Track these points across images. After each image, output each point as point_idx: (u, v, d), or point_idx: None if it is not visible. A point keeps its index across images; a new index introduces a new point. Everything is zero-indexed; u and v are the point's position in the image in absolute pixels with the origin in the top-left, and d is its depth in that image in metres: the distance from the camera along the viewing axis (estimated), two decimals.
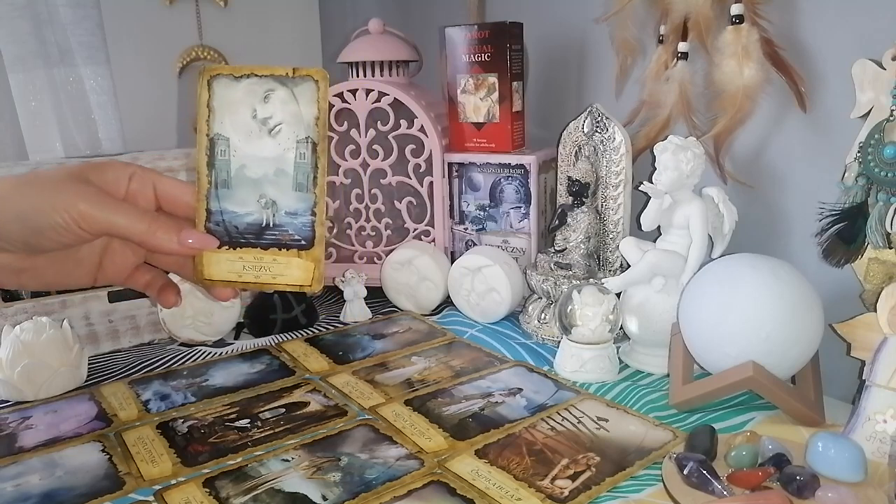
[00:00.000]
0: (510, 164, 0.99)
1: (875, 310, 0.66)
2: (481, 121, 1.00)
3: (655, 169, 0.77)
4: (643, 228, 0.82)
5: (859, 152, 0.69)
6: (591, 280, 0.85)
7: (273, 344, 0.90)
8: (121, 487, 0.59)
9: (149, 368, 0.83)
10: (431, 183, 1.02)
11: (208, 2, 1.43)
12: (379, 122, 1.02)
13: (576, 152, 0.90)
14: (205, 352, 0.88)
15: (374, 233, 1.08)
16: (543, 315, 0.89)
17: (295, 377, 0.80)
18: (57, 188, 0.41)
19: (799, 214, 0.79)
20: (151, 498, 0.58)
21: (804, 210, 0.78)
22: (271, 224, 0.44)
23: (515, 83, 0.98)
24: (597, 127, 0.88)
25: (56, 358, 0.76)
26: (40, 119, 1.15)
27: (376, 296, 1.03)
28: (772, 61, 0.77)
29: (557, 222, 0.90)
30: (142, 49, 1.36)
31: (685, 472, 0.55)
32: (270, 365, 0.83)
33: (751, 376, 0.64)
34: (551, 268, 0.89)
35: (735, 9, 0.76)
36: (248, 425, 0.69)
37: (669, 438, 0.64)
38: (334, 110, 1.03)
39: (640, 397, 0.73)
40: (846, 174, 0.71)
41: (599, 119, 0.87)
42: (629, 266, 0.81)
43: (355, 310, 0.99)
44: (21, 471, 0.62)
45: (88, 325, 0.87)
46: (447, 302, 1.01)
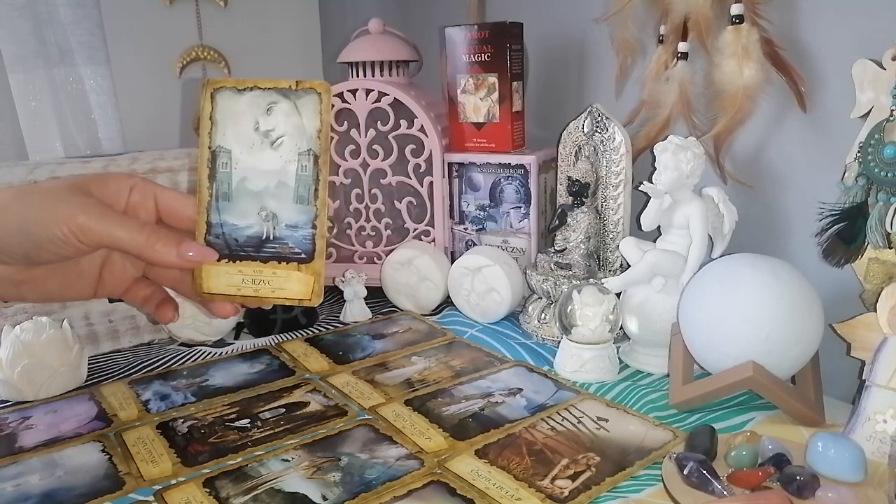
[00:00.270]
0: (510, 164, 0.99)
1: (875, 310, 0.66)
2: (481, 121, 1.00)
3: (655, 169, 0.77)
4: (643, 228, 0.82)
5: (859, 152, 0.69)
6: (591, 280, 0.85)
7: (273, 344, 0.90)
8: (121, 487, 0.59)
9: (149, 368, 0.83)
10: (431, 183, 1.02)
11: (208, 2, 1.43)
12: (379, 122, 1.02)
13: (576, 152, 0.90)
14: (205, 352, 0.88)
15: (374, 233, 1.08)
16: (543, 315, 0.89)
17: (295, 377, 0.80)
18: (57, 200, 0.41)
19: (799, 214, 0.79)
20: (151, 498, 0.58)
21: (804, 210, 0.78)
22: (271, 237, 0.44)
23: (515, 83, 0.98)
24: (597, 127, 0.88)
25: (56, 358, 0.76)
26: (40, 119, 1.15)
27: (376, 296, 1.03)
28: (772, 61, 0.77)
29: (557, 222, 0.90)
30: (142, 49, 1.36)
31: (685, 472, 0.55)
32: (270, 365, 0.83)
33: (751, 376, 0.64)
34: (551, 268, 0.89)
35: (735, 9, 0.76)
36: (248, 425, 0.69)
37: (669, 438, 0.64)
38: (334, 110, 1.03)
39: (640, 397, 0.73)
40: (846, 174, 0.71)
41: (599, 119, 0.87)
42: (629, 266, 0.81)
43: (355, 310, 0.99)
44: (21, 471, 0.62)
45: (88, 325, 0.87)
46: (447, 302, 1.01)
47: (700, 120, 0.85)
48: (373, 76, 1.04)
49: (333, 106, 1.02)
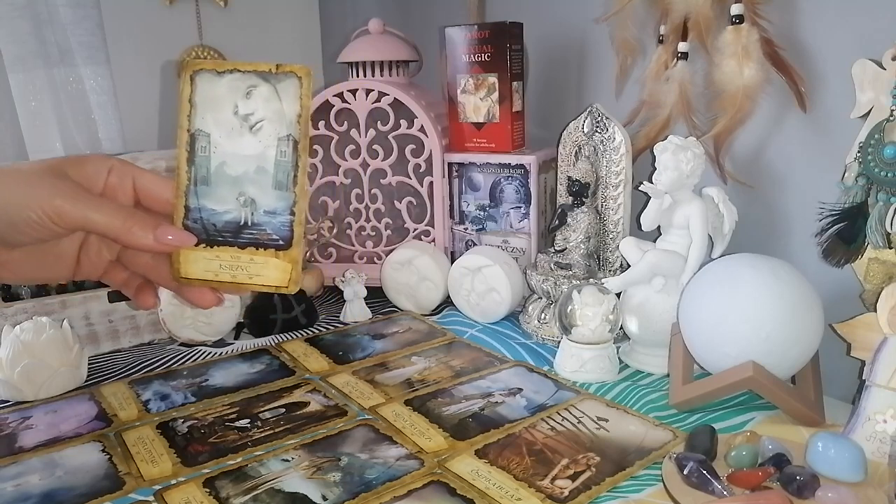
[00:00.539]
0: (510, 164, 0.99)
1: (875, 310, 0.66)
2: (481, 121, 1.00)
3: (655, 169, 0.77)
4: (643, 228, 0.82)
5: (859, 152, 0.69)
6: (591, 280, 0.85)
7: (273, 344, 0.90)
8: (121, 487, 0.59)
9: (149, 368, 0.83)
10: (431, 183, 1.02)
11: (208, 2, 1.43)
12: (379, 122, 1.02)
13: (576, 152, 0.90)
14: (205, 352, 0.88)
15: (374, 233, 1.08)
16: (543, 315, 0.89)
17: (295, 377, 0.80)
18: (32, 183, 0.41)
19: (799, 214, 0.79)
20: (151, 498, 0.58)
21: (804, 210, 0.78)
22: (249, 223, 0.43)
23: (515, 83, 0.98)
24: (597, 127, 0.88)
25: (56, 358, 0.76)
26: (40, 119, 1.15)
27: (376, 296, 1.03)
28: (772, 61, 0.77)
29: (557, 222, 0.90)
30: (142, 49, 1.36)
31: (685, 472, 0.55)
32: (270, 365, 0.83)
33: (751, 376, 0.64)
34: (551, 268, 0.89)
35: (735, 9, 0.76)
36: (248, 425, 0.69)
37: (669, 438, 0.64)
38: (334, 110, 1.03)
39: (640, 397, 0.73)
40: (846, 174, 0.71)
41: (599, 119, 0.87)
42: (629, 266, 0.81)
43: (355, 310, 0.99)
44: (21, 471, 0.62)
45: (88, 325, 0.87)
46: (447, 302, 1.01)
47: (700, 120, 0.85)
48: (373, 76, 1.04)
49: (333, 107, 1.02)
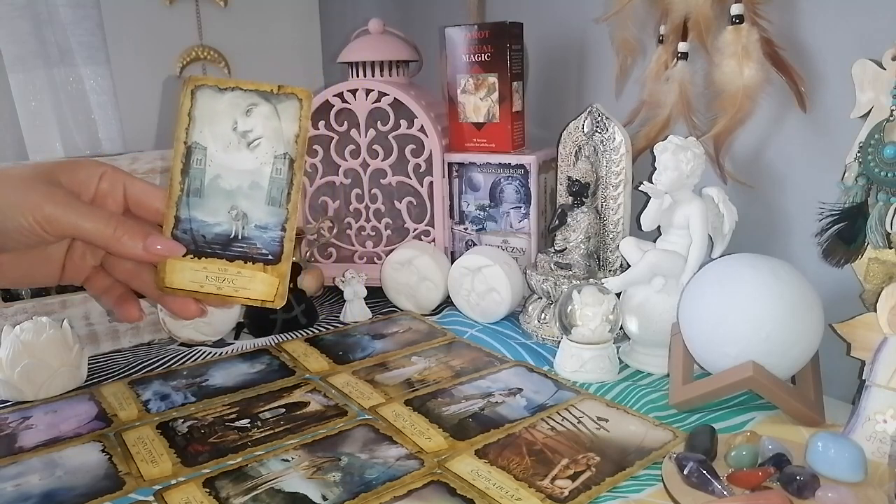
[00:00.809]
0: (510, 164, 0.99)
1: (875, 310, 0.66)
2: (481, 121, 1.00)
3: (655, 169, 0.77)
4: (643, 228, 0.82)
5: (859, 152, 0.69)
6: (591, 280, 0.85)
7: (273, 344, 0.90)
8: (121, 487, 0.59)
9: (149, 368, 0.83)
10: (431, 183, 1.02)
11: (208, 2, 1.43)
12: (379, 122, 1.02)
13: (576, 152, 0.90)
14: (205, 352, 0.88)
15: (374, 233, 1.08)
16: (543, 315, 0.89)
17: (295, 377, 0.80)
18: (24, 189, 0.41)
19: (799, 214, 0.79)
20: (151, 498, 0.58)
21: (804, 210, 0.78)
22: (240, 236, 0.44)
23: (515, 83, 0.98)
24: (597, 127, 0.88)
25: (56, 358, 0.76)
26: (40, 119, 1.15)
27: (376, 296, 1.03)
28: (772, 61, 0.77)
29: (557, 222, 0.90)
30: (142, 49, 1.36)
31: (685, 472, 0.55)
32: (270, 365, 0.83)
33: (751, 376, 0.64)
34: (551, 268, 0.89)
35: (735, 9, 0.76)
36: (248, 425, 0.69)
37: (669, 438, 0.64)
38: (334, 110, 1.03)
39: (640, 397, 0.73)
40: (846, 174, 0.71)
41: (599, 119, 0.87)
42: (629, 266, 0.81)
43: (355, 310, 0.99)
44: (21, 471, 0.62)
45: (88, 325, 0.87)
46: (447, 302, 1.01)
47: (700, 120, 0.85)
48: (373, 76, 1.04)
49: (334, 107, 1.02)
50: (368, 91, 1.01)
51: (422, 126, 1.00)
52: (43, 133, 1.15)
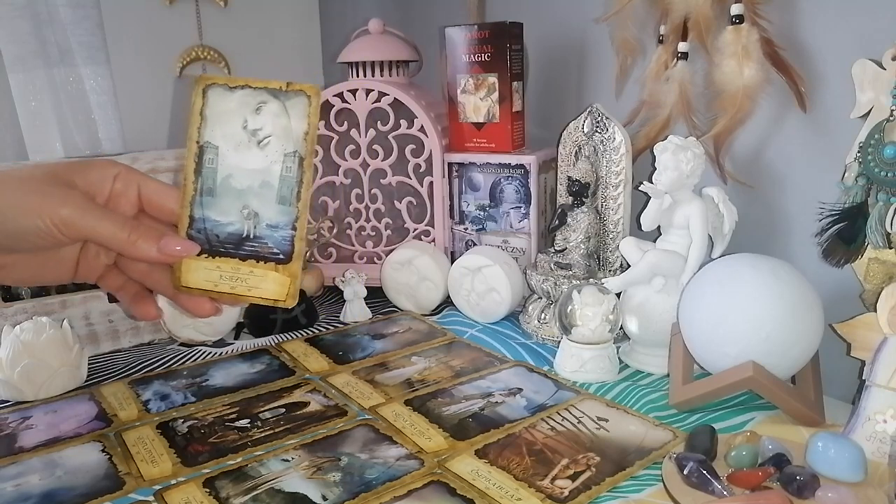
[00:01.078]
0: (510, 164, 0.99)
1: (875, 310, 0.66)
2: (481, 121, 1.00)
3: (655, 169, 0.77)
4: (643, 228, 0.82)
5: (859, 152, 0.69)
6: (591, 280, 0.85)
7: (273, 344, 0.90)
8: (121, 487, 0.59)
9: (149, 368, 0.83)
10: (431, 183, 1.02)
11: (208, 2, 1.43)
12: (379, 122, 1.02)
13: (576, 152, 0.90)
14: (205, 352, 0.88)
15: (374, 233, 1.08)
16: (543, 315, 0.89)
17: (295, 377, 0.80)
18: (41, 191, 0.41)
19: (799, 214, 0.79)
20: (151, 498, 0.58)
21: (804, 210, 0.78)
22: (252, 235, 0.44)
23: (515, 83, 0.98)
24: (597, 127, 0.88)
25: (56, 358, 0.76)
26: (40, 119, 1.15)
27: (376, 296, 1.03)
28: (772, 61, 0.77)
29: (557, 222, 0.90)
30: (142, 49, 1.36)
31: (685, 472, 0.55)
32: (270, 365, 0.83)
33: (751, 376, 0.64)
34: (551, 268, 0.89)
35: (735, 9, 0.76)
36: (248, 425, 0.69)
37: (669, 438, 0.64)
38: (334, 110, 1.03)
39: (640, 397, 0.73)
40: (846, 174, 0.71)
41: (599, 119, 0.87)
42: (629, 266, 0.81)
43: (355, 310, 0.99)
44: (21, 471, 0.62)
45: (88, 325, 0.87)
46: (447, 302, 1.01)
47: (700, 120, 0.85)
48: (373, 76, 1.04)
49: (334, 107, 1.02)
50: (368, 91, 1.01)
51: (422, 126, 1.00)
52: (43, 133, 1.15)
